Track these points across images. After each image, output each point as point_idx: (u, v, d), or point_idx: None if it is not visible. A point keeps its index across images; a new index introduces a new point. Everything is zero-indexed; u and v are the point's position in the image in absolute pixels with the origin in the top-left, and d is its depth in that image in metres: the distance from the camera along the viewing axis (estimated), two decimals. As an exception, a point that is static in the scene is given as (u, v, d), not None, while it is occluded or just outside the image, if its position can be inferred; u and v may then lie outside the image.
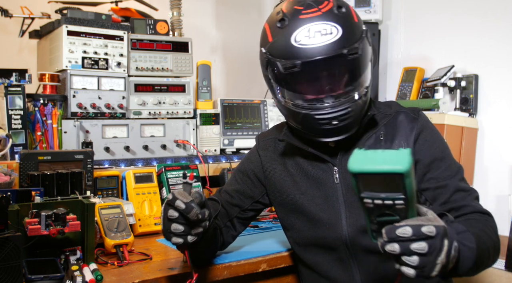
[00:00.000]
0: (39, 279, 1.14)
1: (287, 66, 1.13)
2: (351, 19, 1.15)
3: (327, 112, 1.13)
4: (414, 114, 1.24)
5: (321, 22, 1.11)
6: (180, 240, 1.06)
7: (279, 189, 1.34)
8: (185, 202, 1.02)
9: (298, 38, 1.12)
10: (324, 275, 1.27)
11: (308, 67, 1.12)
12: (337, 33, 1.10)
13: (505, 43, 2.19)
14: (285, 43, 1.13)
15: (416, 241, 0.83)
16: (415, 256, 0.83)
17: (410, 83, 2.50)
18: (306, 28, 1.11)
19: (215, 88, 2.72)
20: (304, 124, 1.19)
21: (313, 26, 1.11)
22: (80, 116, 1.89)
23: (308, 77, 1.15)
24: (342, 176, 1.23)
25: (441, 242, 0.84)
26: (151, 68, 2.07)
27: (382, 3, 2.60)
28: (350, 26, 1.13)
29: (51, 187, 1.54)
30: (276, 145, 1.37)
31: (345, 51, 1.10)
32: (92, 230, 1.29)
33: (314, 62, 1.11)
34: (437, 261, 0.84)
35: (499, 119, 2.22)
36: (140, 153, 2.00)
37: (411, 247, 0.83)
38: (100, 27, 1.96)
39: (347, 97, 1.15)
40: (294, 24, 1.13)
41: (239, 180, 1.41)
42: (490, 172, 2.23)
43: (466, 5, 2.35)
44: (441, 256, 0.84)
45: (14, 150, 1.72)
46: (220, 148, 2.20)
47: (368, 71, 1.19)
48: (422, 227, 0.83)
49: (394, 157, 0.81)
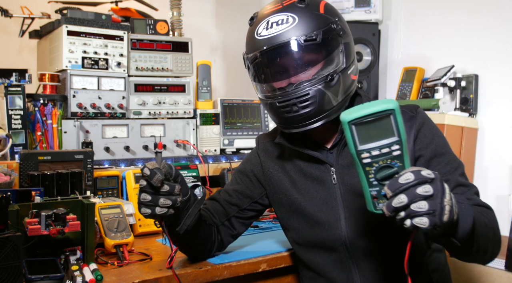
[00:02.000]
0: (39, 279, 1.14)
1: (251, 58, 1.19)
2: (314, 10, 1.16)
3: (286, 99, 1.15)
4: (412, 112, 1.23)
5: (280, 14, 1.15)
6: (148, 211, 1.09)
7: (278, 190, 1.34)
8: (149, 168, 1.05)
9: (259, 31, 1.18)
10: (324, 275, 1.27)
11: (267, 56, 1.16)
12: (293, 22, 1.14)
13: (505, 43, 2.19)
14: (250, 38, 1.21)
15: (420, 184, 0.83)
16: (423, 201, 0.83)
17: (410, 83, 2.50)
18: (265, 21, 1.17)
19: (215, 88, 2.72)
20: (273, 115, 1.22)
21: (271, 17, 1.16)
22: (80, 116, 1.89)
23: (268, 66, 1.19)
24: (339, 177, 1.23)
25: (441, 184, 0.86)
26: (151, 68, 2.07)
27: (382, 3, 2.60)
28: (310, 16, 1.15)
29: (51, 187, 1.54)
30: (274, 147, 1.38)
31: (299, 38, 1.12)
32: (92, 230, 1.29)
33: (270, 51, 1.15)
34: (444, 202, 0.84)
35: (499, 119, 2.22)
36: (140, 153, 2.00)
37: (417, 192, 0.83)
38: (100, 27, 1.96)
39: (307, 83, 1.15)
40: (258, 20, 1.20)
41: (239, 180, 1.41)
42: (490, 172, 2.23)
43: (466, 5, 2.35)
44: (446, 197, 0.85)
45: (14, 150, 1.72)
46: (220, 148, 2.20)
47: (333, 60, 1.17)
48: (422, 171, 0.84)
49: (380, 102, 0.85)
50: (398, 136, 0.86)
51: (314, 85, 1.14)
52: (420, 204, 0.83)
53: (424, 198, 0.83)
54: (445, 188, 0.86)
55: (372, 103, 0.86)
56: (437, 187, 0.84)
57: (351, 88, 1.22)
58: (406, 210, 0.84)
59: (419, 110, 1.24)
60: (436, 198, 0.84)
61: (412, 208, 0.83)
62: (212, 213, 1.36)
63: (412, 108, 1.24)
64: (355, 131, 0.86)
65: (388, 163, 0.88)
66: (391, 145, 0.86)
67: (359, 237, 1.19)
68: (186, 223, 1.18)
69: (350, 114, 0.86)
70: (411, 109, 1.24)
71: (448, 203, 0.85)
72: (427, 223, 0.83)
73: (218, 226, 1.36)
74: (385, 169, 0.88)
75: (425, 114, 1.25)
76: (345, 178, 1.22)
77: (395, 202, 0.84)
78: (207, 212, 1.35)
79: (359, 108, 0.86)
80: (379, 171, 0.88)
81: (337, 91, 1.17)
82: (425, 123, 1.22)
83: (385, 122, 0.85)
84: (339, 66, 1.17)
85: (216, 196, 1.41)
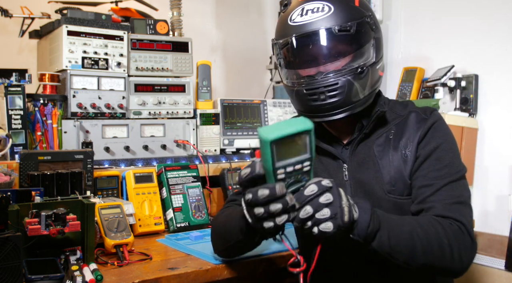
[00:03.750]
0: (39, 279, 1.15)
1: (282, 43, 1.20)
2: (350, 2, 1.18)
3: (315, 87, 1.16)
4: (425, 115, 1.23)
5: (316, 1, 1.16)
6: (271, 224, 0.93)
7: None
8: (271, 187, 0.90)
9: (293, 17, 1.18)
10: (331, 271, 1.27)
11: (299, 42, 1.16)
12: (329, 11, 1.14)
13: (505, 43, 2.19)
14: (283, 24, 1.21)
15: (322, 194, 0.91)
16: (325, 208, 0.91)
17: (410, 83, 2.50)
18: (300, 8, 1.17)
19: (215, 88, 2.72)
20: (299, 102, 1.22)
21: (307, 5, 1.17)
22: (80, 116, 1.89)
23: (300, 53, 1.19)
24: (351, 174, 1.23)
25: (337, 190, 0.93)
26: (151, 68, 2.07)
27: (382, 3, 2.60)
28: (345, 6, 1.16)
29: (51, 187, 1.54)
30: None
31: (334, 27, 1.13)
32: (92, 230, 1.29)
33: (304, 37, 1.15)
34: (342, 205, 0.92)
35: (499, 119, 2.22)
36: (140, 153, 2.00)
37: (320, 201, 0.91)
38: (100, 27, 1.96)
39: (337, 73, 1.16)
40: (293, 6, 1.20)
41: None
42: (490, 172, 2.23)
43: (466, 5, 2.35)
44: (343, 200, 0.92)
45: (14, 150, 1.72)
46: (220, 148, 2.20)
47: (364, 53, 1.18)
48: (322, 181, 0.92)
49: (298, 121, 0.89)
50: (310, 153, 0.91)
51: (343, 75, 1.15)
52: (323, 212, 0.91)
53: (326, 206, 0.91)
54: (340, 192, 0.93)
55: (289, 122, 0.90)
56: (334, 193, 0.92)
57: (378, 84, 1.23)
58: (312, 219, 0.91)
59: (434, 113, 1.23)
60: (335, 203, 0.91)
61: (317, 217, 0.91)
62: None
63: (426, 111, 1.24)
64: (275, 149, 0.88)
65: (298, 178, 0.93)
66: (303, 162, 0.91)
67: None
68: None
69: (272, 133, 0.87)
70: (425, 112, 1.24)
71: (346, 204, 0.92)
72: (331, 226, 0.91)
73: None
74: (295, 183, 0.94)
75: (438, 117, 1.23)
76: (356, 175, 1.23)
77: (302, 214, 0.91)
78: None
79: (278, 127, 0.88)
80: (289, 186, 0.93)
81: (365, 84, 1.18)
82: (433, 126, 1.21)
83: (301, 140, 0.90)
84: (369, 60, 1.18)
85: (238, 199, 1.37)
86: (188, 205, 1.83)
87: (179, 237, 1.64)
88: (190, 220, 1.81)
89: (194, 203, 1.85)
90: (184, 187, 1.87)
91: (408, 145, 1.20)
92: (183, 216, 1.80)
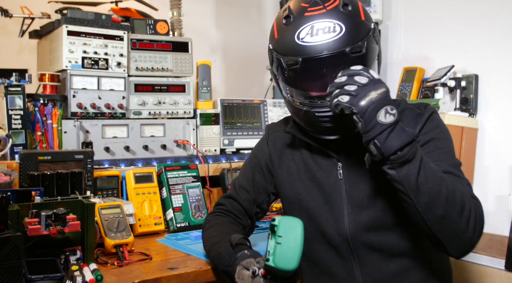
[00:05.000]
0: (39, 279, 1.15)
1: (289, 63, 1.14)
2: (357, 17, 1.14)
3: (327, 110, 1.13)
4: (420, 110, 1.22)
5: (325, 20, 1.11)
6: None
7: (284, 181, 1.35)
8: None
9: (301, 35, 1.12)
10: (325, 271, 1.27)
11: (310, 64, 1.12)
12: (340, 31, 1.10)
13: (505, 43, 2.19)
14: (289, 40, 1.14)
15: (360, 75, 1.02)
16: (354, 86, 1.01)
17: (410, 83, 2.50)
18: (309, 26, 1.11)
19: (215, 88, 2.72)
20: (306, 121, 1.20)
21: (316, 23, 1.11)
22: (80, 116, 1.89)
23: (310, 74, 1.15)
24: (346, 172, 1.23)
25: (379, 84, 1.01)
26: (151, 68, 2.07)
27: (382, 3, 2.60)
28: (355, 24, 1.12)
29: (51, 187, 1.54)
30: (284, 138, 1.38)
31: (347, 49, 1.10)
32: (92, 230, 1.29)
33: (315, 59, 1.11)
34: (370, 93, 0.99)
35: (499, 119, 2.22)
36: (140, 153, 2.00)
37: (355, 78, 1.01)
38: (100, 27, 1.96)
39: None
40: (299, 21, 1.13)
41: (251, 174, 1.42)
42: (490, 172, 2.23)
43: (466, 5, 2.35)
44: (376, 91, 1.00)
45: (14, 150, 1.72)
46: (220, 148, 2.20)
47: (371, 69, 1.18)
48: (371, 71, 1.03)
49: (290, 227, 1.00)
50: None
51: None
52: (351, 87, 1.00)
53: (357, 85, 1.00)
54: (379, 87, 1.00)
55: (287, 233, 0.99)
56: (372, 81, 1.01)
57: None
58: (340, 89, 1.01)
59: (428, 107, 1.23)
60: (366, 87, 1.00)
61: (345, 88, 1.01)
62: (236, 215, 1.39)
63: (420, 106, 1.24)
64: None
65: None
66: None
67: (362, 233, 1.19)
68: None
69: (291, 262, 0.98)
70: (420, 107, 1.24)
71: (373, 96, 0.99)
72: (346, 100, 1.00)
73: (245, 227, 1.39)
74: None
75: (433, 110, 1.23)
76: (351, 174, 1.23)
77: (337, 80, 1.03)
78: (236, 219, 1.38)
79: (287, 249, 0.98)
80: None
81: None
82: (430, 117, 1.21)
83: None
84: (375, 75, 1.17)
85: (234, 195, 1.41)
86: (188, 205, 1.83)
87: (179, 237, 1.65)
88: (190, 220, 1.81)
89: (194, 203, 1.85)
90: (184, 187, 1.87)
91: None
92: (183, 216, 1.80)
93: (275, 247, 0.98)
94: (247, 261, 1.07)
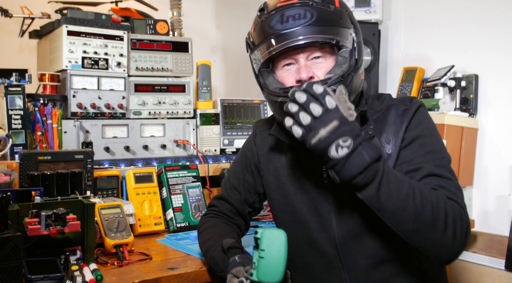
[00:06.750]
0: (39, 279, 1.15)
1: (261, 52, 1.15)
2: (331, 4, 1.13)
3: None
4: (405, 105, 1.19)
5: (296, 8, 1.11)
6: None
7: (271, 183, 1.32)
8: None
9: (272, 23, 1.13)
10: (314, 277, 1.24)
11: (280, 51, 1.12)
12: (310, 18, 1.09)
13: (505, 43, 2.19)
14: (261, 30, 1.16)
15: (317, 101, 0.94)
16: (309, 116, 0.94)
17: (410, 83, 2.50)
18: (279, 14, 1.12)
19: (215, 88, 2.72)
20: (281, 114, 1.15)
21: (287, 11, 1.11)
22: (80, 116, 1.89)
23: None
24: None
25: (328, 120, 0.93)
26: (151, 68, 2.07)
27: (382, 3, 2.60)
28: (327, 12, 1.11)
29: (51, 187, 1.54)
30: (270, 139, 1.34)
31: (317, 36, 1.08)
32: (92, 230, 1.29)
33: (285, 46, 1.10)
34: (320, 130, 0.93)
35: (499, 119, 2.22)
36: (140, 153, 2.00)
37: (310, 105, 0.94)
38: (100, 27, 1.96)
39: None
40: (271, 11, 1.14)
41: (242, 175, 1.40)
42: (490, 172, 2.23)
43: (466, 5, 2.35)
44: (327, 128, 0.93)
45: (14, 150, 1.72)
46: (220, 148, 2.20)
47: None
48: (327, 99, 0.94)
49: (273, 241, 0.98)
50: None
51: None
52: (304, 117, 0.94)
53: (310, 117, 0.94)
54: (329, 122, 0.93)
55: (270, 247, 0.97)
56: (325, 113, 0.93)
57: (360, 88, 1.19)
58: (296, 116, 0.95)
59: (414, 101, 1.19)
60: (317, 121, 0.94)
61: (300, 116, 0.95)
62: (229, 216, 1.38)
63: (406, 101, 1.20)
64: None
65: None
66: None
67: (350, 239, 1.16)
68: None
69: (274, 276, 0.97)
70: (405, 102, 1.20)
71: (323, 134, 0.93)
72: (299, 133, 0.96)
73: (240, 226, 1.39)
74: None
75: (419, 104, 1.19)
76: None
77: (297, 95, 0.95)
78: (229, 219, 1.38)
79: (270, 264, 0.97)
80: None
81: (351, 92, 1.13)
82: (417, 112, 1.17)
83: None
84: (351, 66, 1.14)
85: (225, 196, 1.40)
86: (188, 205, 1.83)
87: (179, 237, 1.65)
88: (190, 220, 1.81)
89: (194, 203, 1.85)
90: (184, 187, 1.87)
91: (391, 140, 1.16)
92: (183, 216, 1.80)
93: (258, 261, 0.97)
94: (237, 269, 1.06)
